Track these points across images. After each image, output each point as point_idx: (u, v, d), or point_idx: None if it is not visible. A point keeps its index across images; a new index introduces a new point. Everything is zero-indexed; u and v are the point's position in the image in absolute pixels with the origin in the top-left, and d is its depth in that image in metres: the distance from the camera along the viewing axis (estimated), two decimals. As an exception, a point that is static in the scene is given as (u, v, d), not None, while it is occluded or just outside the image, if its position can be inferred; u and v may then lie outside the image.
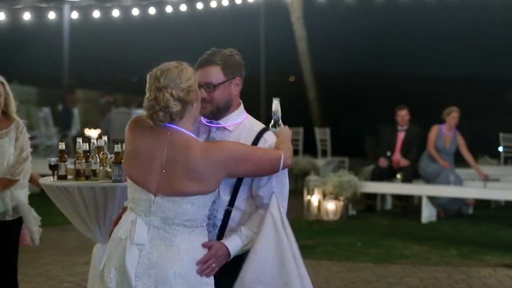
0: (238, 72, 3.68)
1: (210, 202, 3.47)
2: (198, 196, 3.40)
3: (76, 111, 19.08)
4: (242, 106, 3.74)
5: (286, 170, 3.68)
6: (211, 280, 3.46)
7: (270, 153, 3.57)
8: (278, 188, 3.64)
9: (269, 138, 3.65)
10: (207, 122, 3.70)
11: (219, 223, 3.58)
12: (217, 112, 3.64)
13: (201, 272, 3.42)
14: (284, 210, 3.63)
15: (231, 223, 3.59)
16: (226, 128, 3.66)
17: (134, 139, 3.51)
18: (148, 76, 3.47)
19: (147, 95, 3.44)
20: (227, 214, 3.59)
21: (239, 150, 3.48)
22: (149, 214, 3.43)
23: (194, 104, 3.47)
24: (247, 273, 3.48)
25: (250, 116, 3.76)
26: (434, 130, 12.10)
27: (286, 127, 3.78)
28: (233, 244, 3.53)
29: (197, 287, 3.41)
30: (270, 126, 3.78)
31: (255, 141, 3.62)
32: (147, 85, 3.45)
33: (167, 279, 3.36)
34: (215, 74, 3.60)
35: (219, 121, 3.67)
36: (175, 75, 3.41)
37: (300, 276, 3.53)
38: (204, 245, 3.46)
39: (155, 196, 3.41)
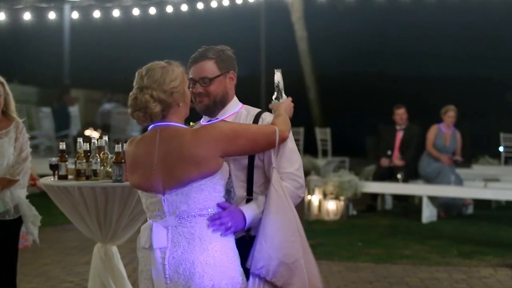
0: (232, 66, 3.73)
1: (220, 186, 3.46)
2: (203, 181, 3.39)
3: (75, 111, 19.10)
4: (236, 98, 3.78)
5: (291, 142, 3.68)
6: (239, 267, 3.45)
7: (264, 128, 3.57)
8: (290, 161, 3.65)
9: (267, 116, 3.70)
10: (207, 122, 3.73)
11: None
12: (214, 106, 3.68)
13: (212, 225, 3.41)
14: (301, 179, 3.64)
15: None
16: (224, 120, 3.69)
17: (131, 152, 3.55)
18: (136, 73, 3.50)
19: (132, 91, 3.48)
20: (248, 202, 3.60)
21: (230, 127, 3.47)
22: (164, 215, 3.44)
23: (180, 104, 3.48)
24: (258, 251, 3.45)
25: (246, 105, 3.80)
26: (433, 130, 12.14)
27: (288, 99, 3.80)
28: (249, 209, 3.52)
29: (226, 273, 3.39)
30: (273, 98, 3.82)
31: (254, 122, 3.66)
32: (134, 82, 3.49)
33: (195, 271, 3.36)
34: (210, 68, 3.65)
35: (217, 117, 3.70)
36: (159, 75, 3.43)
37: (304, 252, 3.53)
38: (219, 204, 3.45)
39: (164, 195, 3.42)
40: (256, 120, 3.68)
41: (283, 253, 3.44)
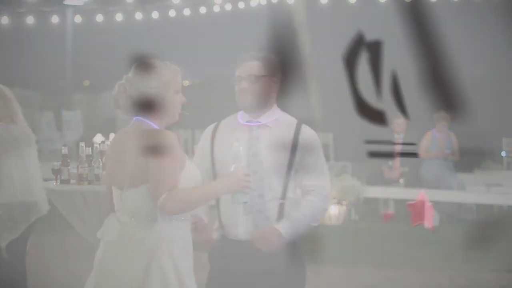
0: (276, 72, 3.83)
1: None
2: None
3: (77, 115, 19.19)
4: (275, 104, 3.88)
5: (322, 158, 3.98)
6: (191, 251, 3.47)
7: (166, 177, 3.33)
8: (320, 175, 3.86)
9: (306, 131, 3.83)
10: (246, 122, 3.79)
11: (271, 215, 3.69)
12: (257, 105, 3.76)
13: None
14: (325, 191, 3.85)
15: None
16: (266, 125, 3.77)
17: (111, 145, 3.69)
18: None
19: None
20: (282, 206, 3.71)
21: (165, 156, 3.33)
22: (119, 210, 3.47)
23: (168, 108, 3.47)
24: None
25: (283, 112, 3.91)
26: (427, 137, 12.16)
27: (241, 173, 3.56)
28: (284, 226, 3.68)
29: (179, 258, 3.38)
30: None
31: (296, 134, 3.77)
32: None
33: (133, 272, 3.33)
34: (258, 68, 3.77)
35: (259, 119, 3.78)
36: (144, 73, 3.46)
37: None
38: (257, 233, 3.63)
39: (122, 191, 3.43)
40: (296, 132, 3.78)
41: None
